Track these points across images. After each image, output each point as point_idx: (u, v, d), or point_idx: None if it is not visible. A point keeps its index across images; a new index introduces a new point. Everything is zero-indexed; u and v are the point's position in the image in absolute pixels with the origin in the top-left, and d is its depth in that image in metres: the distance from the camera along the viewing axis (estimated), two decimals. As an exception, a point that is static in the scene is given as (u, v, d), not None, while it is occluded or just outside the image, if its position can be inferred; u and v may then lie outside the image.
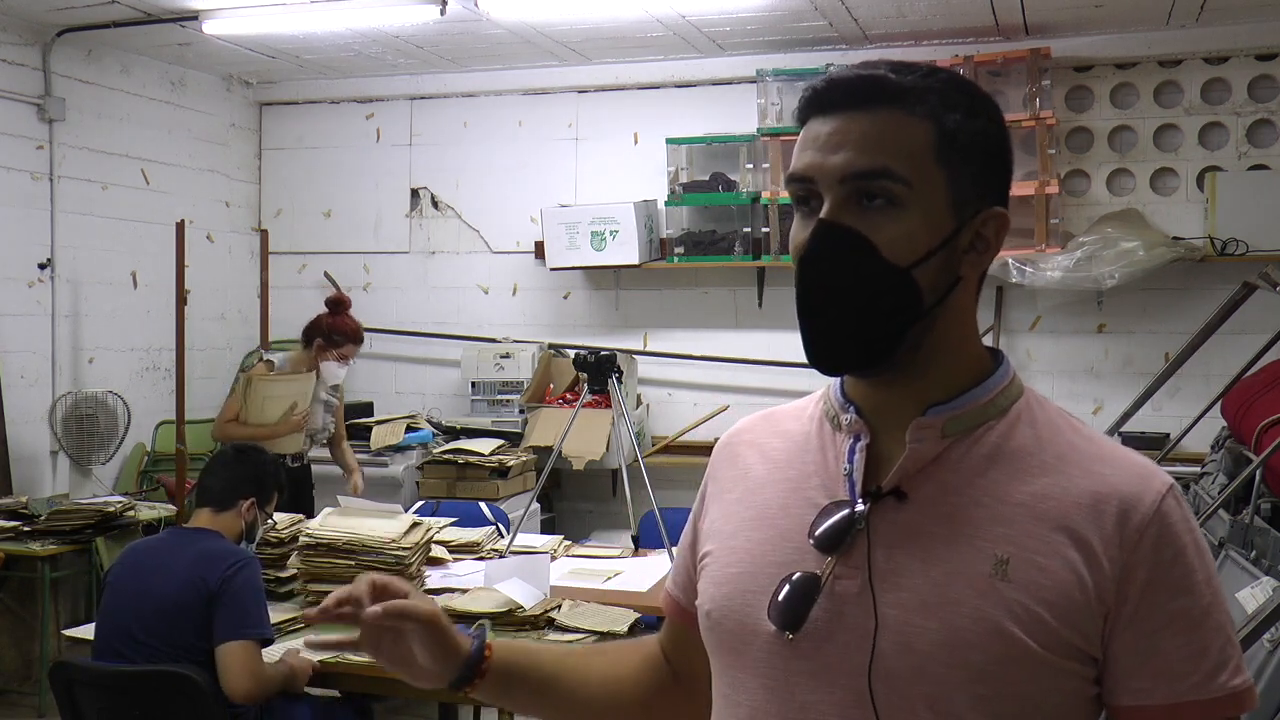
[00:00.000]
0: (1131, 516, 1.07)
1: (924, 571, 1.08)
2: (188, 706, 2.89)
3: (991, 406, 1.14)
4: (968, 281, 1.14)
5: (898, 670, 1.07)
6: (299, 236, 7.15)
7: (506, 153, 6.75)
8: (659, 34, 5.87)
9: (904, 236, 1.08)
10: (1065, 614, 1.05)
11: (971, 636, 1.05)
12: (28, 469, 5.79)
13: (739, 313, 6.36)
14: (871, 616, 1.08)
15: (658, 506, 4.07)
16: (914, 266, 1.08)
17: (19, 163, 5.76)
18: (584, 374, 4.32)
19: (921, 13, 5.48)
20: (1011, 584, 1.06)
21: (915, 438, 1.11)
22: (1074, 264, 5.45)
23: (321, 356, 5.17)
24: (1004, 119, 1.17)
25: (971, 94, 1.14)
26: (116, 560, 3.22)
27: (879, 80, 1.10)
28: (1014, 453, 1.12)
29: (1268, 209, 5.46)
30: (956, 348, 1.15)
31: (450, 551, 4.15)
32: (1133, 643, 1.07)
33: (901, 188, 1.08)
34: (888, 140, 1.08)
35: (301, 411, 5.00)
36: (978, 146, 1.12)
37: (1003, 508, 1.09)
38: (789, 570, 1.13)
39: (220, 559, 3.02)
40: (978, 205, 1.12)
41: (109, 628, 3.06)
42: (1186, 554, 1.08)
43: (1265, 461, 3.40)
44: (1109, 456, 1.12)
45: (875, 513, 1.11)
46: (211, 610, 2.94)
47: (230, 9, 5.49)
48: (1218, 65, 5.70)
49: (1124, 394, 5.31)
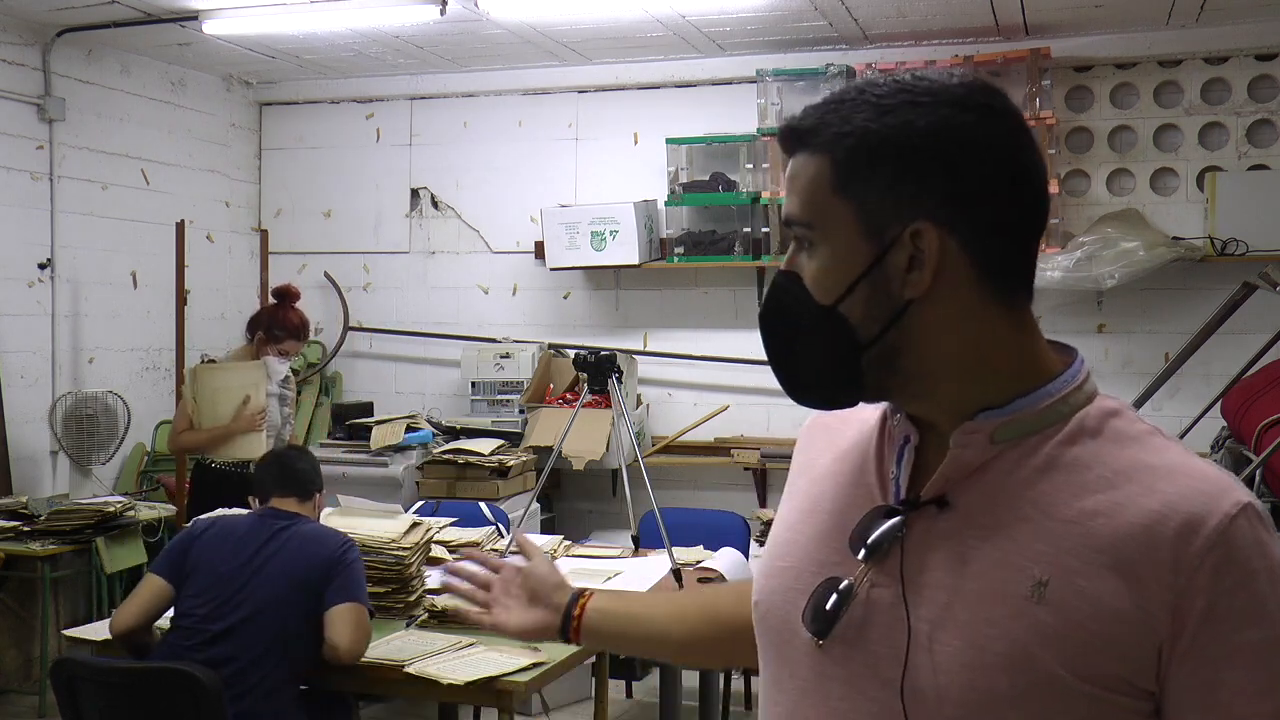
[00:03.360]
0: (1192, 540, 0.97)
1: (956, 588, 1.04)
2: (189, 705, 2.89)
3: (1050, 413, 1.06)
4: (936, 299, 1.05)
5: (924, 688, 1.04)
6: (299, 236, 7.14)
7: (506, 153, 6.75)
8: (659, 34, 5.87)
9: (820, 274, 1.08)
10: (1108, 643, 0.98)
11: (997, 660, 1.00)
12: (28, 469, 5.79)
13: (739, 313, 6.36)
14: (904, 628, 1.05)
15: (658, 506, 4.06)
16: (839, 302, 1.07)
17: (19, 163, 5.76)
18: (584, 374, 4.32)
19: (921, 13, 5.48)
20: (1049, 607, 0.99)
21: (960, 443, 1.06)
22: (1074, 264, 5.45)
23: (262, 350, 4.94)
24: (999, 125, 1.06)
25: (924, 101, 1.04)
26: (197, 529, 3.28)
27: (789, 128, 1.11)
28: (1070, 465, 1.04)
29: (1268, 209, 5.46)
30: (966, 361, 1.07)
31: (450, 551, 4.14)
32: (1190, 677, 0.98)
33: (806, 230, 1.09)
34: (796, 185, 1.10)
35: (256, 407, 4.76)
36: (895, 160, 1.04)
37: (1050, 524, 1.02)
38: (828, 571, 1.12)
39: (331, 538, 3.20)
40: (903, 224, 1.04)
41: (204, 590, 3.11)
42: (1257, 580, 0.98)
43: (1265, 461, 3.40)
44: (1178, 471, 1.02)
45: (915, 521, 1.08)
46: (329, 577, 3.09)
47: (230, 9, 5.49)
48: (1218, 65, 5.70)
49: (1124, 394, 5.30)
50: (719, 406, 6.27)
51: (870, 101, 1.06)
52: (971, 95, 1.06)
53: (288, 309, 5.03)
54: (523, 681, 2.98)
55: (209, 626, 3.06)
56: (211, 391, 4.72)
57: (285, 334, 4.97)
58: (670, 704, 3.80)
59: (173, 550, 3.26)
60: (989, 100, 1.07)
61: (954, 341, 1.07)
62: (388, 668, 3.04)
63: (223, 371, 4.84)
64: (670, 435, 6.31)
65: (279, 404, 5.01)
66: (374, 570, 3.44)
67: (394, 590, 3.44)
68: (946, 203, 1.04)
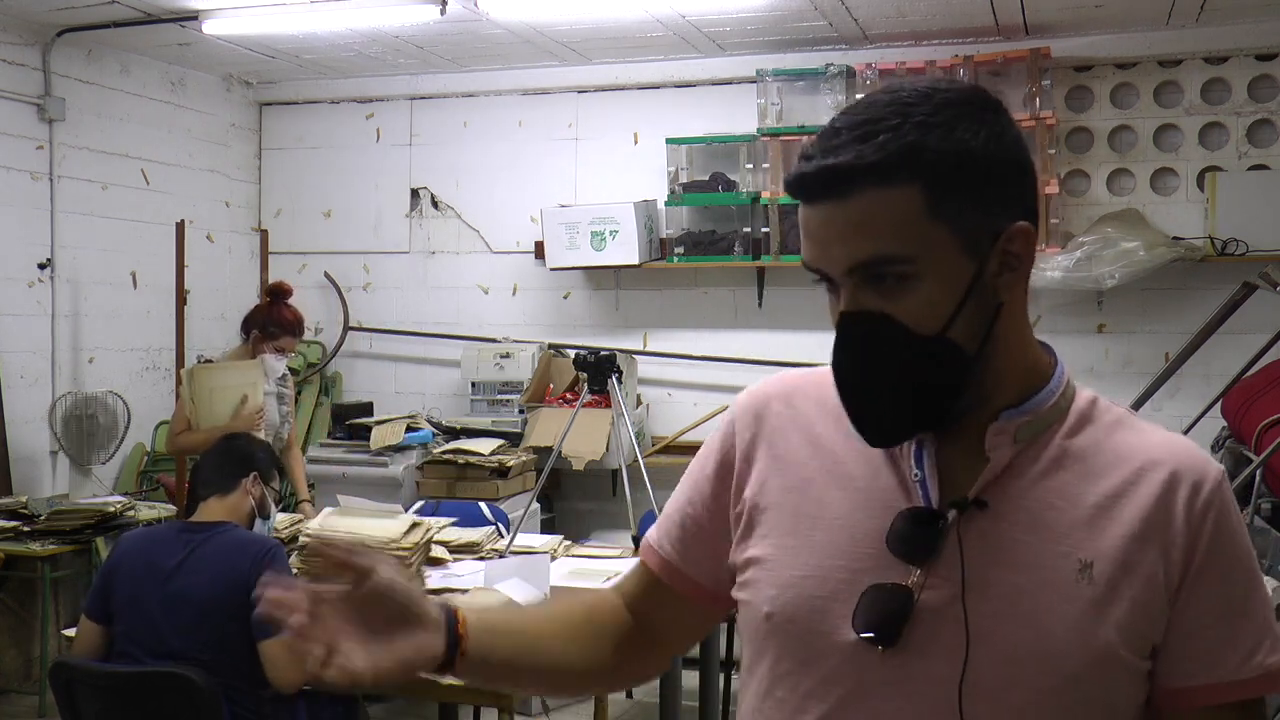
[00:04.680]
0: (1196, 501, 1.09)
1: (1012, 580, 1.08)
2: (187, 707, 2.89)
3: (1055, 410, 1.13)
4: (1010, 303, 1.11)
5: (990, 681, 1.06)
6: (299, 236, 7.14)
7: (506, 153, 6.75)
8: (659, 34, 5.87)
9: (925, 305, 1.06)
10: (1148, 613, 1.07)
11: (1064, 644, 1.06)
12: (28, 469, 5.79)
13: (739, 313, 6.36)
14: (962, 629, 1.07)
15: (658, 506, 4.06)
16: (946, 329, 1.06)
17: (19, 163, 5.76)
18: (584, 374, 4.32)
19: (921, 13, 5.48)
20: (1097, 586, 1.07)
21: (993, 444, 1.11)
22: (1074, 264, 5.45)
23: (259, 349, 4.89)
24: (1011, 123, 1.11)
25: (964, 112, 1.07)
26: (116, 557, 3.14)
27: (847, 168, 1.04)
28: (1079, 454, 1.12)
29: (1268, 209, 5.45)
30: (1016, 360, 1.13)
31: (450, 551, 4.15)
32: (1186, 625, 1.08)
33: (905, 266, 1.05)
34: (876, 223, 1.04)
35: (254, 407, 4.70)
36: (978, 170, 1.06)
37: (1078, 511, 1.09)
38: (861, 577, 1.11)
39: (246, 550, 2.99)
40: (995, 230, 1.08)
41: (129, 631, 3.00)
42: (1238, 537, 1.11)
43: (1265, 461, 3.40)
44: (1165, 445, 1.13)
45: (961, 523, 1.10)
46: (247, 604, 2.92)
47: (230, 9, 5.49)
48: (1218, 65, 5.69)
49: (1124, 394, 5.31)
50: (719, 406, 6.26)
51: (923, 121, 1.05)
52: (988, 96, 1.11)
53: (281, 305, 4.99)
54: (522, 682, 2.97)
55: (148, 663, 2.97)
56: (209, 392, 4.69)
57: (281, 331, 4.92)
58: (670, 704, 3.80)
59: (96, 588, 3.13)
60: (996, 99, 1.12)
61: (1017, 341, 1.13)
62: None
63: (220, 371, 4.82)
64: (670, 435, 6.30)
65: (277, 402, 4.98)
66: (374, 570, 3.43)
67: (394, 590, 3.43)
68: (1019, 200, 1.10)
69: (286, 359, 5.02)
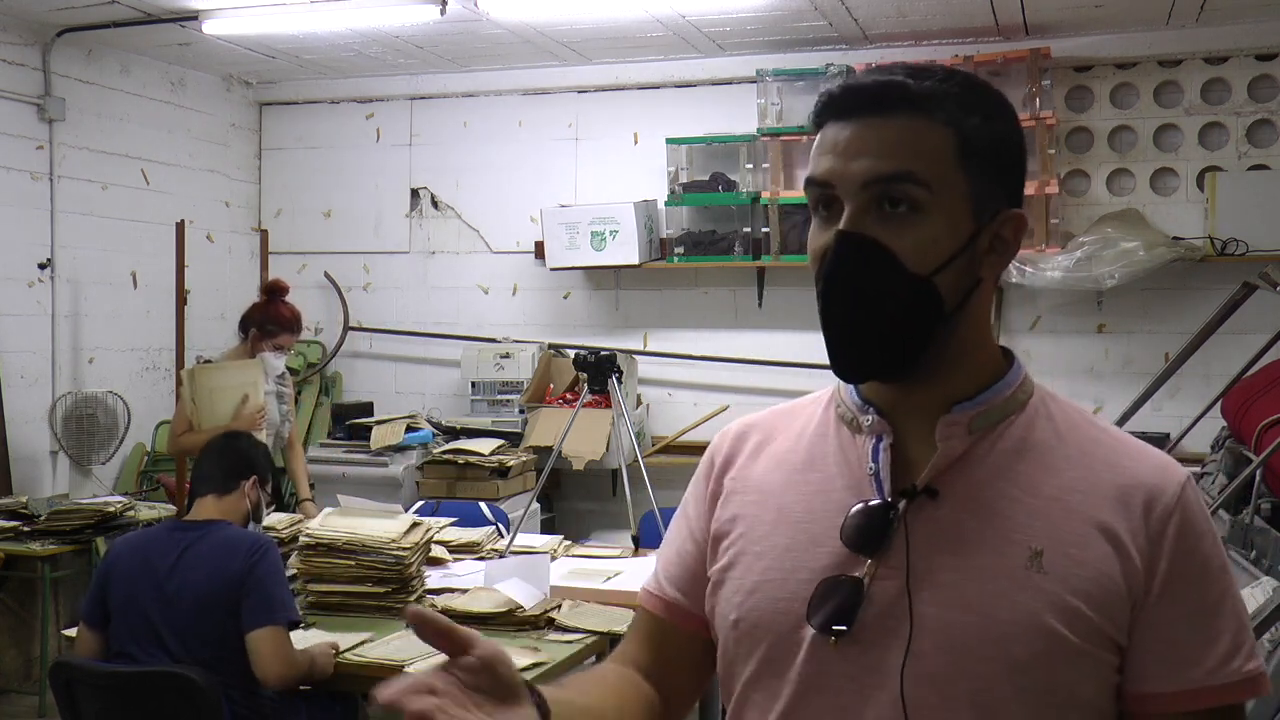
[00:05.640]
0: (1155, 507, 1.09)
1: (961, 567, 1.09)
2: (187, 707, 2.89)
3: (1012, 402, 1.16)
4: (986, 282, 1.15)
5: (940, 669, 1.07)
6: (299, 236, 7.15)
7: (506, 153, 6.75)
8: (659, 34, 5.87)
9: (927, 242, 1.09)
10: (1100, 605, 1.07)
11: (1012, 629, 1.06)
12: (28, 469, 5.79)
13: (739, 313, 6.36)
14: (908, 617, 1.09)
15: (658, 506, 4.07)
16: (935, 273, 1.09)
17: (19, 163, 5.76)
18: (584, 374, 4.32)
19: (922, 13, 5.48)
20: (1047, 575, 1.07)
21: (944, 435, 1.13)
22: (1074, 264, 5.45)
23: (257, 347, 4.89)
24: (1018, 120, 1.19)
25: (989, 97, 1.15)
26: (111, 559, 3.15)
27: (898, 86, 1.11)
28: (1038, 446, 1.14)
29: (1268, 209, 5.45)
30: (976, 347, 1.16)
31: (450, 551, 4.15)
32: (1153, 631, 1.09)
33: (924, 192, 1.09)
34: (909, 145, 1.09)
35: (255, 406, 4.69)
36: (996, 149, 1.13)
37: (1034, 501, 1.11)
38: (822, 574, 1.13)
39: (239, 547, 3.01)
40: (996, 207, 1.13)
41: (127, 631, 3.01)
42: (1205, 543, 1.11)
43: (1265, 461, 3.40)
44: (1128, 449, 1.15)
45: (910, 512, 1.12)
46: (240, 599, 2.94)
47: (230, 9, 5.49)
48: (1218, 65, 5.69)
49: (1124, 394, 5.31)
50: (719, 406, 6.26)
51: (965, 81, 1.14)
52: (1004, 95, 1.18)
53: (279, 303, 4.99)
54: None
55: (146, 662, 2.98)
56: (209, 392, 4.68)
57: (279, 328, 4.92)
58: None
59: (92, 593, 3.14)
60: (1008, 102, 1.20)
61: (978, 327, 1.16)
62: (388, 668, 3.03)
63: (219, 371, 4.81)
64: (670, 435, 6.30)
65: (277, 401, 4.98)
66: (374, 570, 3.44)
67: (394, 590, 3.44)
68: (1018, 190, 1.16)
69: (285, 356, 5.02)
